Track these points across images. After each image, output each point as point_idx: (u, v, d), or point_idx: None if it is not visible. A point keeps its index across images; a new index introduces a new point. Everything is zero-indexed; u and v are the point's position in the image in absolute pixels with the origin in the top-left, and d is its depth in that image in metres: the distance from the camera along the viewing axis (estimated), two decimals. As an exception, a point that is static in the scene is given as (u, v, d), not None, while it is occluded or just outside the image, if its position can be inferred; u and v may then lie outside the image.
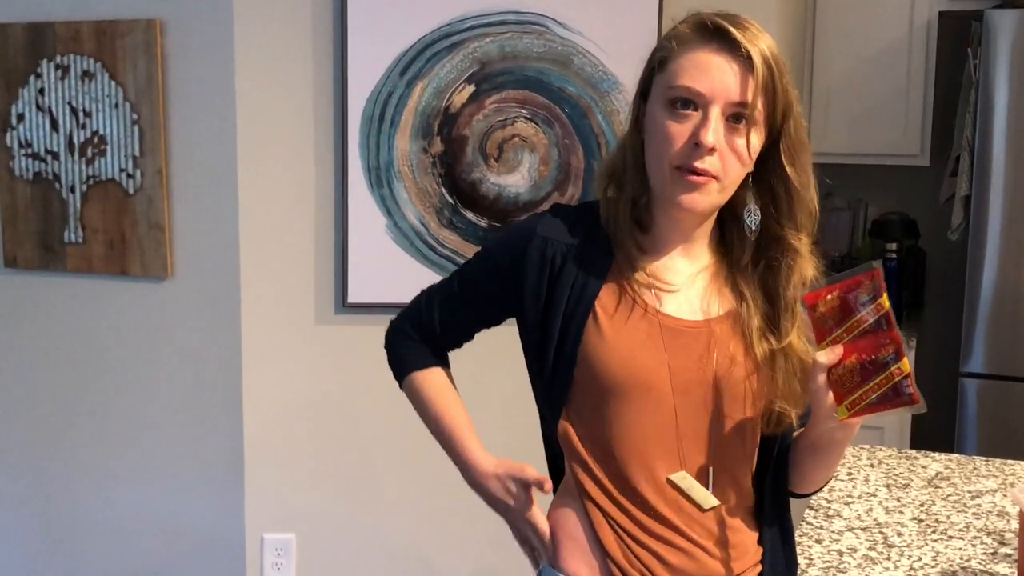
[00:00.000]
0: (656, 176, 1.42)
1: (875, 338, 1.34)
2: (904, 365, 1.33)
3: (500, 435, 2.77)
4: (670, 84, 1.39)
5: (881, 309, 1.34)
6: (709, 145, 1.36)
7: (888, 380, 1.33)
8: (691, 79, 1.37)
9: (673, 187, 1.40)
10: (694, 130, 1.37)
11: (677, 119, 1.38)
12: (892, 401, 1.34)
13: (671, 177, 1.40)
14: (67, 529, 3.27)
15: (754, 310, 1.46)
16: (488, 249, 1.61)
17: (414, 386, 1.65)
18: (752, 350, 1.45)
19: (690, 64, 1.37)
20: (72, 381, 3.19)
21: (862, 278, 1.35)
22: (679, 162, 1.38)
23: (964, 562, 1.88)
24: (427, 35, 2.95)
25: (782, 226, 1.45)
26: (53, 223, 3.10)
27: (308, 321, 3.05)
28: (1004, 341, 3.44)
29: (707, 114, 1.37)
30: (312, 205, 3.01)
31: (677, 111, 1.38)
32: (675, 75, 1.39)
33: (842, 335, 1.36)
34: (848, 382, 1.36)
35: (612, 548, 1.48)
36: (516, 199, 3.03)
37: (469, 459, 1.58)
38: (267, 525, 3.11)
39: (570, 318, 1.46)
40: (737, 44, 1.36)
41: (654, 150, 1.41)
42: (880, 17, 3.75)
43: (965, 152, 3.55)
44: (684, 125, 1.38)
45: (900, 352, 1.34)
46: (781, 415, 1.47)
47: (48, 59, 3.03)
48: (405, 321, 1.68)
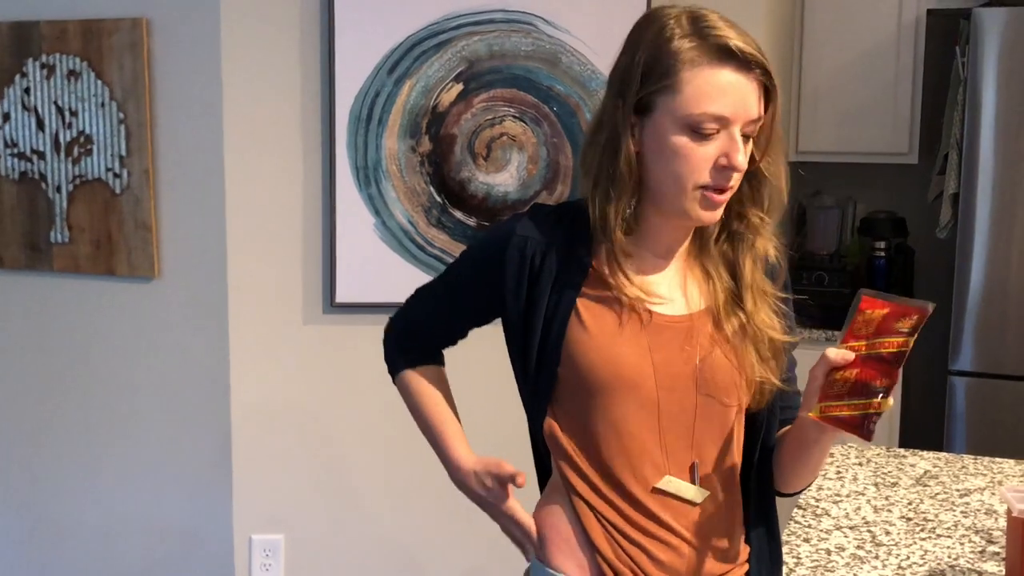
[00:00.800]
0: (674, 193, 1.41)
1: (882, 367, 1.37)
2: (886, 404, 1.37)
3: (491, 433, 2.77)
4: (691, 111, 1.37)
5: (905, 347, 1.37)
6: (743, 168, 1.39)
7: (865, 408, 1.37)
8: (715, 105, 1.36)
9: (693, 205, 1.41)
10: (721, 152, 1.38)
11: (700, 141, 1.38)
12: (855, 427, 1.37)
13: (693, 196, 1.41)
14: (54, 530, 3.25)
15: (719, 286, 1.49)
16: (470, 250, 1.63)
17: (405, 384, 1.69)
18: (723, 327, 1.47)
19: (709, 88, 1.36)
20: (59, 382, 3.17)
21: (914, 311, 1.37)
22: (706, 182, 1.40)
23: (952, 560, 1.88)
24: (415, 33, 2.94)
25: (744, 206, 1.48)
26: (39, 223, 3.08)
27: (296, 321, 3.05)
28: (992, 339, 3.45)
29: (732, 135, 1.38)
30: (300, 204, 3.00)
31: (700, 134, 1.38)
32: (695, 100, 1.37)
33: (862, 347, 1.39)
34: (837, 389, 1.39)
35: (601, 544, 1.48)
36: (505, 198, 3.03)
37: (453, 457, 1.61)
38: (255, 526, 3.10)
39: (552, 316, 1.47)
40: (748, 61, 1.37)
41: (673, 170, 1.40)
42: (868, 15, 3.75)
43: (953, 150, 3.55)
44: (708, 147, 1.38)
45: (890, 391, 1.37)
46: (762, 384, 1.49)
47: (34, 58, 3.02)
48: (399, 320, 1.71)
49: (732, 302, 1.49)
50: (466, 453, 1.60)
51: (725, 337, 1.47)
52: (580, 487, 1.49)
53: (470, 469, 1.57)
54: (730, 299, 1.49)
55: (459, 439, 1.62)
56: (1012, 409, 3.45)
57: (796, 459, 1.52)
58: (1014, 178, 3.36)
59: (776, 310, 1.50)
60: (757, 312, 1.48)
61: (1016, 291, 3.39)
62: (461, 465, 1.59)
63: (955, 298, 3.47)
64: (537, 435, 1.56)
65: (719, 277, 1.49)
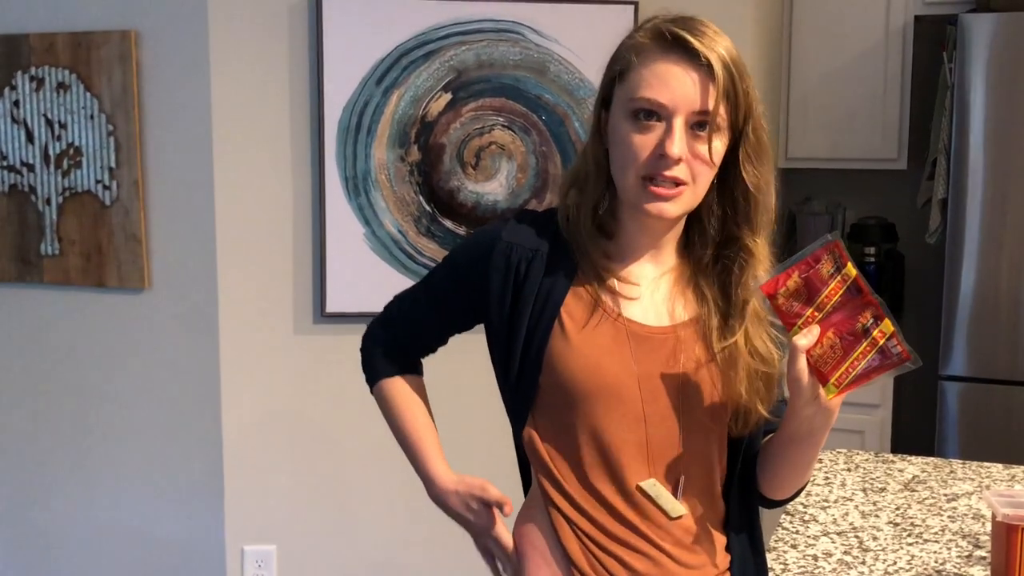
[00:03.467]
0: (624, 186, 1.43)
1: (850, 308, 1.31)
2: (886, 326, 1.29)
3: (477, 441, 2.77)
4: (631, 96, 1.39)
5: (848, 278, 1.31)
6: (675, 157, 1.37)
7: (872, 345, 1.29)
8: (653, 91, 1.37)
9: (641, 196, 1.40)
10: (659, 141, 1.37)
11: (641, 130, 1.38)
12: (882, 365, 1.30)
13: (638, 187, 1.40)
14: (46, 542, 3.25)
15: (714, 310, 1.47)
16: (454, 255, 1.61)
17: (382, 394, 1.66)
18: (713, 351, 1.46)
19: (651, 75, 1.38)
20: (49, 393, 3.17)
21: (820, 253, 1.32)
22: (646, 172, 1.39)
23: (939, 565, 1.88)
24: (403, 44, 2.95)
25: (739, 227, 1.46)
26: (29, 235, 3.09)
27: (287, 331, 3.05)
28: (983, 344, 3.45)
29: (671, 125, 1.37)
30: (289, 215, 3.01)
31: (640, 122, 1.38)
32: (636, 87, 1.39)
33: (813, 315, 1.32)
34: (830, 359, 1.32)
35: (576, 556, 1.47)
36: (494, 207, 3.04)
37: (430, 473, 1.59)
38: (247, 537, 3.10)
39: (536, 324, 1.46)
40: (696, 52, 1.36)
41: (620, 161, 1.42)
42: (856, 22, 3.76)
43: (942, 156, 3.56)
44: (648, 136, 1.38)
45: (880, 315, 1.30)
46: (748, 414, 1.46)
47: (23, 71, 3.02)
48: (378, 327, 1.68)
49: (725, 326, 1.46)
50: (444, 470, 1.58)
51: (714, 360, 1.45)
52: (557, 498, 1.49)
53: (450, 488, 1.55)
54: (723, 323, 1.46)
55: (437, 454, 1.60)
56: (1003, 413, 3.46)
57: (792, 452, 1.47)
58: (1003, 183, 3.37)
59: (771, 337, 1.47)
60: (750, 339, 1.45)
61: (1006, 295, 3.40)
62: (439, 483, 1.57)
63: (945, 303, 3.48)
64: (520, 443, 1.55)
65: (713, 299, 1.47)
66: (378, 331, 1.68)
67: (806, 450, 1.46)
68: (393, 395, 1.65)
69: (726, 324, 1.46)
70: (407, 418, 1.63)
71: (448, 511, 1.58)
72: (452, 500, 1.55)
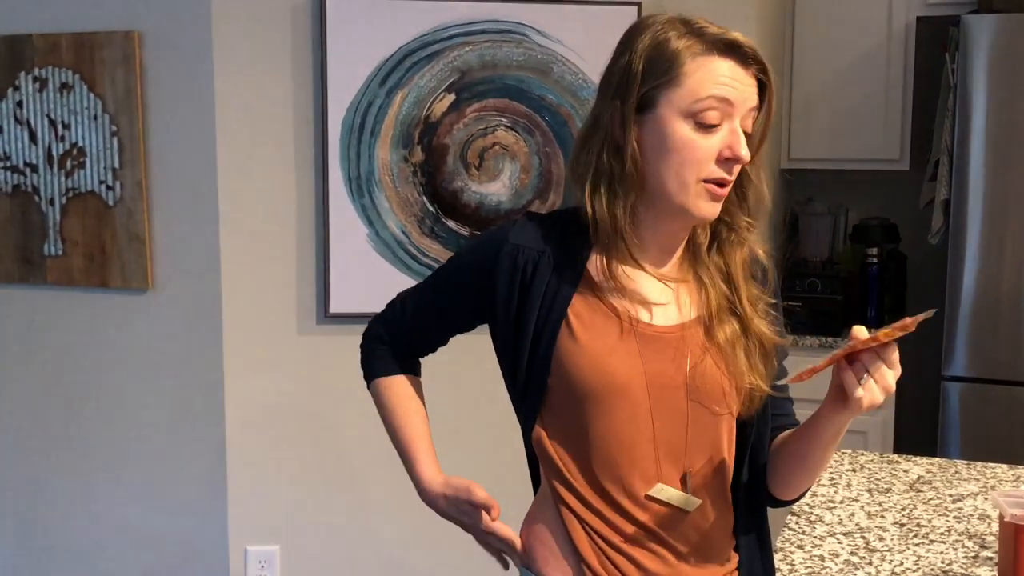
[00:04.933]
0: (676, 189, 1.42)
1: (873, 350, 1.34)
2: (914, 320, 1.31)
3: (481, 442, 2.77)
4: (696, 96, 1.39)
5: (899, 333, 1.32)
6: (747, 159, 1.40)
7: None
8: (722, 91, 1.38)
9: (697, 199, 1.41)
10: (725, 144, 1.40)
11: (703, 133, 1.39)
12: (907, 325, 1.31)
13: (696, 190, 1.41)
14: (49, 543, 3.25)
15: (713, 293, 1.49)
16: (460, 256, 1.61)
17: (378, 393, 1.67)
18: (714, 335, 1.47)
19: (714, 76, 1.39)
20: (53, 394, 3.17)
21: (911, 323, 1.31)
22: (709, 175, 1.40)
23: (945, 566, 1.88)
24: (406, 44, 2.95)
25: (731, 210, 1.49)
26: (33, 236, 3.09)
27: (290, 331, 3.05)
28: (985, 344, 3.46)
29: (733, 127, 1.40)
30: (293, 215, 3.01)
31: (703, 125, 1.39)
32: (700, 87, 1.38)
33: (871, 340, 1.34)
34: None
35: (587, 554, 1.48)
36: (498, 207, 3.04)
37: (419, 475, 1.60)
38: (251, 537, 3.10)
39: (543, 325, 1.46)
40: (747, 56, 1.40)
41: (676, 164, 1.41)
42: (858, 23, 3.77)
43: (944, 156, 3.56)
44: (711, 139, 1.40)
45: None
46: (752, 390, 1.49)
47: (26, 71, 3.02)
48: (379, 325, 1.69)
49: (726, 309, 1.49)
50: (434, 473, 1.59)
51: (717, 345, 1.47)
52: (567, 497, 1.49)
53: (438, 492, 1.57)
54: (724, 306, 1.49)
55: (427, 456, 1.61)
56: (1005, 414, 3.46)
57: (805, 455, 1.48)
58: (1005, 183, 3.37)
59: (767, 316, 1.50)
60: (751, 318, 1.48)
61: (1008, 296, 3.41)
62: (427, 486, 1.58)
63: (948, 303, 3.48)
64: (529, 443, 1.56)
65: (713, 284, 1.49)
66: (379, 329, 1.69)
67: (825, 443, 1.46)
68: (389, 394, 1.66)
69: (728, 306, 1.49)
70: (400, 418, 1.64)
71: (438, 511, 1.59)
72: (439, 501, 1.57)
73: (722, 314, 1.48)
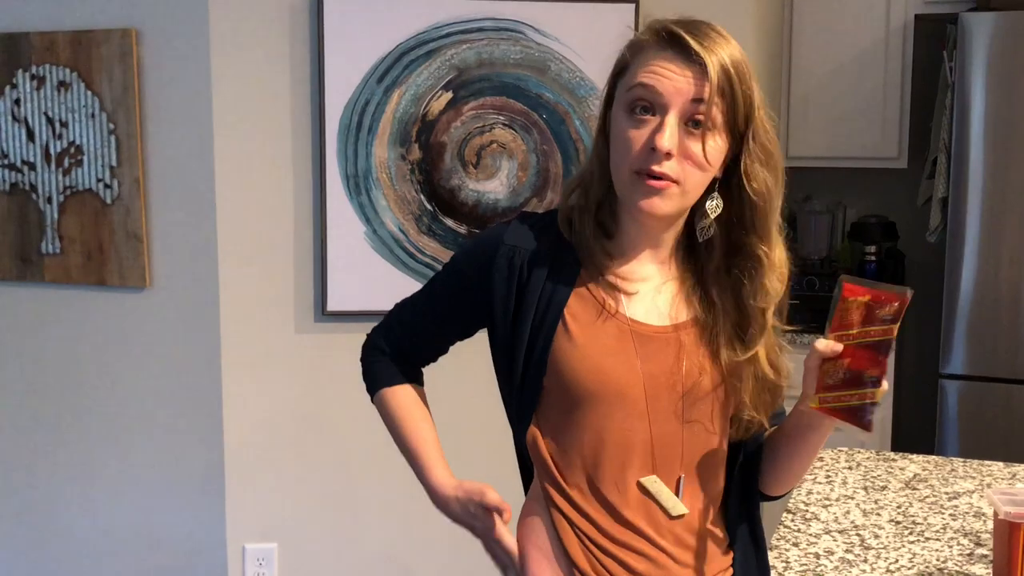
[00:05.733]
0: (617, 181, 1.44)
1: (871, 355, 1.37)
2: (878, 394, 1.37)
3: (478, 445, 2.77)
4: (628, 87, 1.41)
5: (889, 334, 1.37)
6: (665, 149, 1.37)
7: (862, 398, 1.37)
8: (647, 79, 1.39)
9: (633, 191, 1.41)
10: (651, 135, 1.38)
11: (636, 125, 1.40)
12: (853, 417, 1.38)
13: (630, 181, 1.41)
14: (47, 540, 3.25)
15: (723, 319, 1.47)
16: (456, 260, 1.61)
17: (383, 403, 1.65)
18: (719, 359, 1.46)
19: (646, 68, 1.40)
20: (51, 392, 3.17)
21: (895, 298, 1.37)
22: (637, 166, 1.40)
23: (940, 563, 1.89)
24: (404, 42, 2.95)
25: (747, 234, 1.46)
26: (30, 234, 3.09)
27: (288, 330, 3.05)
28: (983, 342, 3.46)
29: (663, 119, 1.38)
30: (290, 213, 3.01)
31: (636, 116, 1.40)
32: (633, 78, 1.41)
33: (851, 336, 1.39)
34: (833, 379, 1.39)
35: (577, 557, 1.47)
36: (495, 205, 3.04)
37: (431, 481, 1.58)
38: (248, 535, 3.10)
39: (539, 326, 1.46)
40: (691, 50, 1.37)
41: (615, 155, 1.43)
42: (856, 21, 3.77)
43: (942, 154, 3.56)
44: (642, 130, 1.39)
45: (881, 380, 1.37)
46: (749, 423, 1.48)
47: (23, 69, 3.02)
48: (379, 336, 1.67)
49: (734, 335, 1.46)
50: (445, 477, 1.57)
51: (719, 367, 1.46)
52: (558, 499, 1.49)
53: (451, 495, 1.54)
54: (733, 332, 1.47)
55: (438, 461, 1.59)
56: (1003, 412, 3.46)
57: (791, 454, 1.50)
58: (1003, 181, 3.38)
59: (783, 349, 1.49)
60: (759, 350, 1.46)
61: (1006, 294, 3.41)
62: (440, 490, 1.56)
63: (946, 301, 3.48)
64: (521, 445, 1.55)
65: (723, 307, 1.47)
66: (379, 339, 1.67)
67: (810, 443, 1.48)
68: (394, 404, 1.64)
69: (738, 334, 1.46)
70: (408, 426, 1.62)
71: (449, 516, 1.57)
72: (452, 505, 1.54)
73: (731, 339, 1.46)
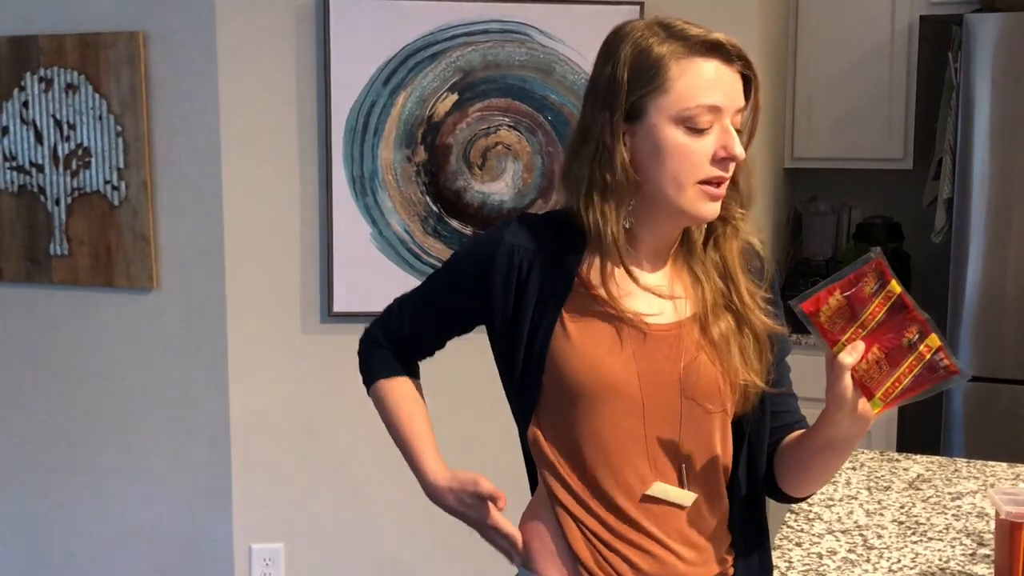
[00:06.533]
0: (674, 193, 1.42)
1: (895, 324, 1.32)
2: (932, 340, 1.30)
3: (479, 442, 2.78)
4: (686, 105, 1.39)
5: (892, 295, 1.32)
6: (742, 157, 1.41)
7: (919, 360, 1.30)
8: (708, 96, 1.39)
9: (696, 202, 1.42)
10: (719, 144, 1.40)
11: (696, 136, 1.40)
12: (929, 379, 1.31)
13: (694, 193, 1.42)
14: (54, 540, 3.27)
15: (708, 288, 1.49)
16: (456, 258, 1.62)
17: (379, 395, 1.68)
18: (709, 331, 1.48)
19: (701, 80, 1.39)
20: (58, 393, 3.19)
21: (864, 271, 1.33)
22: (706, 176, 1.41)
23: (943, 563, 1.89)
24: (409, 44, 2.96)
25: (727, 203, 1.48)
26: (38, 236, 3.11)
27: (294, 331, 3.06)
28: (989, 343, 3.46)
29: (725, 127, 1.41)
30: (297, 215, 3.02)
31: (694, 130, 1.40)
32: (689, 95, 1.39)
33: (857, 332, 1.33)
34: (875, 374, 1.33)
35: (582, 553, 1.49)
36: (500, 207, 3.05)
37: (424, 471, 1.60)
38: (255, 535, 3.12)
39: (538, 324, 1.47)
40: (731, 54, 1.40)
41: (672, 169, 1.41)
42: (861, 22, 3.77)
43: (947, 155, 3.56)
44: (704, 141, 1.40)
45: (926, 330, 1.31)
46: (747, 389, 1.49)
47: (32, 72, 3.04)
48: (377, 329, 1.70)
49: (721, 304, 1.49)
50: (438, 468, 1.59)
51: (711, 341, 1.48)
52: (563, 496, 1.50)
53: (444, 486, 1.56)
54: (719, 301, 1.49)
55: (431, 452, 1.61)
56: (1009, 413, 3.46)
57: (824, 456, 1.48)
58: (1008, 182, 3.37)
59: (764, 309, 1.50)
60: (747, 312, 1.48)
61: (1012, 295, 3.41)
62: (433, 481, 1.58)
63: (951, 302, 3.48)
64: (525, 442, 1.57)
65: (708, 279, 1.49)
66: (377, 333, 1.69)
67: (840, 455, 1.48)
68: (389, 396, 1.66)
69: (724, 301, 1.49)
70: (402, 417, 1.64)
71: (444, 507, 1.58)
72: (447, 496, 1.56)
73: (717, 309, 1.48)
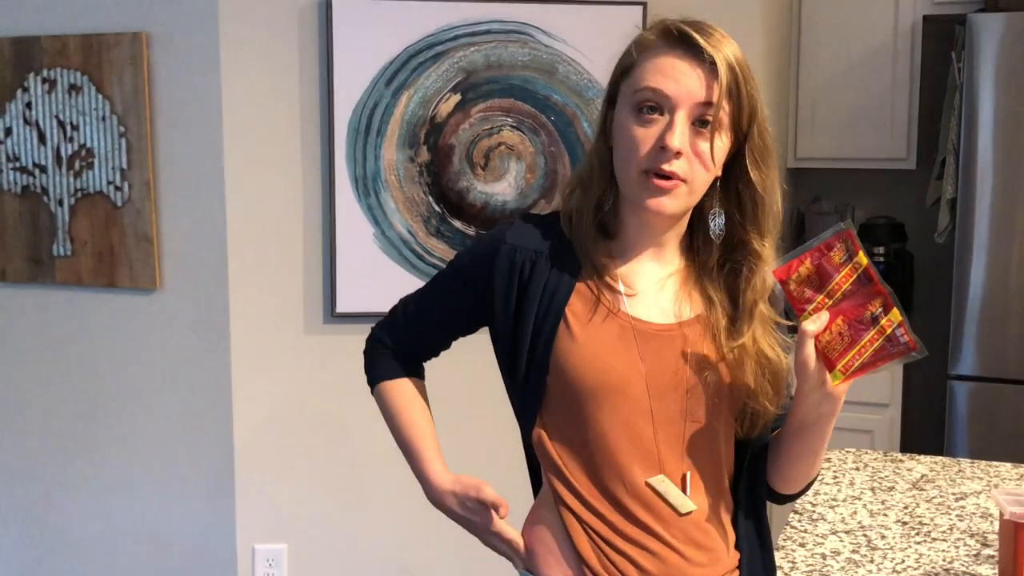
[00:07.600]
0: (625, 181, 1.44)
1: (860, 297, 1.34)
2: (894, 315, 1.32)
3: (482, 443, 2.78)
4: (636, 88, 1.41)
5: (859, 267, 1.33)
6: (675, 148, 1.38)
7: (880, 333, 1.32)
8: (656, 82, 1.39)
9: (641, 191, 1.42)
10: (660, 134, 1.39)
11: (643, 124, 1.40)
12: (889, 354, 1.32)
13: (639, 181, 1.41)
14: (57, 540, 3.27)
15: (720, 313, 1.48)
16: (459, 259, 1.62)
17: (382, 396, 1.68)
18: (721, 353, 1.47)
19: (655, 68, 1.40)
20: (62, 393, 3.19)
21: (833, 241, 1.34)
22: (646, 166, 1.40)
23: (947, 564, 1.89)
24: (412, 45, 2.96)
25: (747, 231, 1.47)
26: (42, 236, 3.11)
27: (297, 331, 3.06)
28: (992, 343, 3.45)
29: (673, 118, 1.39)
30: (300, 215, 3.02)
31: (643, 116, 1.40)
32: (640, 79, 1.41)
33: (823, 301, 1.35)
34: (838, 346, 1.35)
35: (587, 554, 1.48)
36: (503, 207, 3.05)
37: (427, 476, 1.60)
38: (258, 535, 3.12)
39: (541, 325, 1.47)
40: (701, 49, 1.38)
41: (622, 155, 1.43)
42: (864, 22, 3.77)
43: (950, 155, 3.56)
44: (650, 129, 1.40)
45: (888, 304, 1.32)
46: (755, 416, 1.48)
47: (35, 73, 3.04)
48: (382, 330, 1.70)
49: (733, 328, 1.47)
50: (441, 471, 1.58)
51: (723, 360, 1.47)
52: (567, 497, 1.49)
53: (447, 489, 1.56)
54: (731, 325, 1.47)
55: (434, 455, 1.61)
56: (1013, 413, 3.46)
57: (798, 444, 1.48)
58: (1012, 182, 3.37)
59: (779, 341, 1.48)
60: (757, 341, 1.46)
61: (1015, 295, 3.40)
62: (436, 485, 1.57)
63: (954, 302, 3.48)
64: (529, 444, 1.56)
65: (720, 302, 1.48)
66: (382, 334, 1.69)
67: (812, 440, 1.47)
68: (393, 397, 1.66)
69: (733, 326, 1.47)
70: (405, 420, 1.64)
71: (446, 512, 1.58)
72: (449, 501, 1.56)
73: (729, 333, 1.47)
